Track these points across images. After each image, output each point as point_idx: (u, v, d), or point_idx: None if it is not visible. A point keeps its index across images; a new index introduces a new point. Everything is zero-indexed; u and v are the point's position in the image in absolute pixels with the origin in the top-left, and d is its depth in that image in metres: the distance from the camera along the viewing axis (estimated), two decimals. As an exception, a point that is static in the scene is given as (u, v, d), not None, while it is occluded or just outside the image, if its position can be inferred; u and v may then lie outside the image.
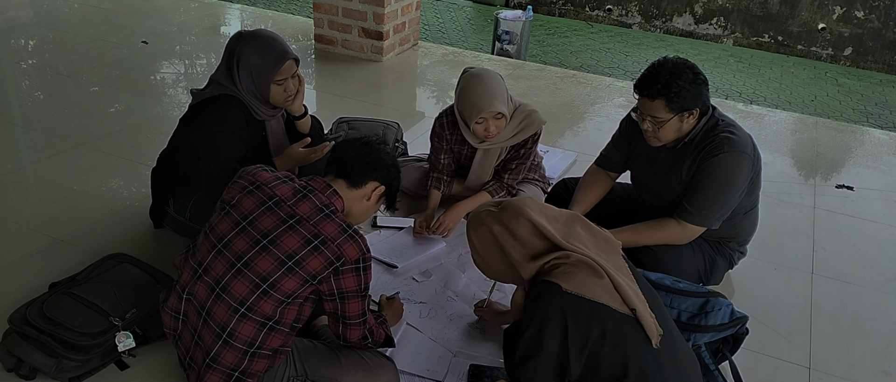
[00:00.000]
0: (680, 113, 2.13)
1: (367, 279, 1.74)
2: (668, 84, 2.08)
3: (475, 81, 2.52)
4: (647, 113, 2.16)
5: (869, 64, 7.10)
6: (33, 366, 1.91)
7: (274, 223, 1.68)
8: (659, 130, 2.17)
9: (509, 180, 2.70)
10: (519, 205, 1.75)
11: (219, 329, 1.67)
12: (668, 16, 7.71)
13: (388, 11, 4.61)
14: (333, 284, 1.70)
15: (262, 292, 1.65)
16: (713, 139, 2.17)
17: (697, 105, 2.14)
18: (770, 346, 2.31)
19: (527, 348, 1.61)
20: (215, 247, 1.72)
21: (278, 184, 1.75)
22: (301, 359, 1.82)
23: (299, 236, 1.66)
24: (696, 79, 2.11)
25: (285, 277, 1.65)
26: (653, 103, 2.12)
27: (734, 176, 2.15)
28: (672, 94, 2.08)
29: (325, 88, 4.35)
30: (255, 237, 1.68)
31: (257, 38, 2.30)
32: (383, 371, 1.91)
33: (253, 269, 1.66)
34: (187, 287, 1.76)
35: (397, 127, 3.33)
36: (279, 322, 1.69)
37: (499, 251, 1.75)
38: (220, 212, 1.77)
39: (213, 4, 5.85)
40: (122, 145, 3.35)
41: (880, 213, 3.24)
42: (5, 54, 4.52)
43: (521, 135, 2.62)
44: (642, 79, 2.15)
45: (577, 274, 1.60)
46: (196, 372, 1.74)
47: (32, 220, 2.72)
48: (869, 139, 4.16)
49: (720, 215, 2.22)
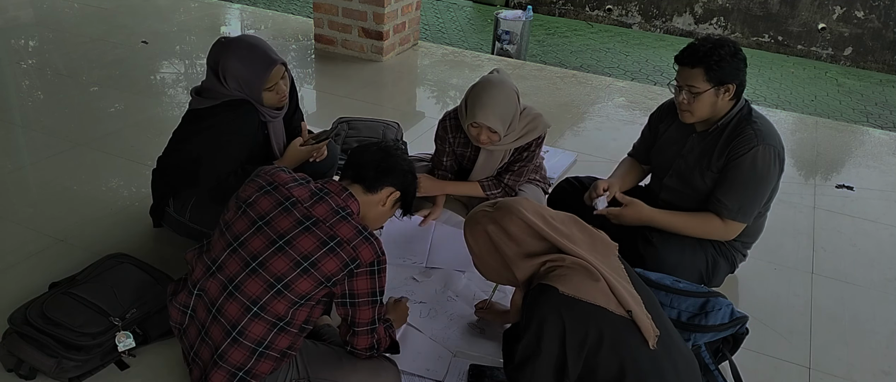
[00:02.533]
0: (717, 85, 2.14)
1: (382, 282, 1.74)
2: (708, 53, 2.11)
3: (487, 88, 2.49)
4: (685, 83, 2.17)
5: (869, 64, 7.10)
6: (33, 366, 1.92)
7: (290, 224, 1.69)
8: (694, 101, 2.17)
9: (510, 181, 2.70)
10: (512, 205, 1.76)
11: (229, 327, 1.68)
12: (668, 16, 7.71)
13: (388, 11, 4.61)
14: (347, 286, 1.70)
15: (276, 292, 1.66)
16: (746, 129, 2.18)
17: (734, 80, 2.15)
18: (770, 346, 2.31)
19: (525, 352, 1.61)
20: (231, 245, 1.73)
21: (295, 186, 1.76)
22: (303, 360, 1.82)
23: (315, 238, 1.67)
24: (736, 53, 2.14)
25: (300, 278, 1.66)
26: (692, 72, 2.14)
27: (766, 170, 2.17)
28: (712, 62, 2.11)
29: (325, 88, 4.35)
30: (272, 238, 1.68)
31: (238, 48, 2.25)
32: (385, 372, 1.91)
33: (268, 269, 1.67)
34: (199, 283, 1.76)
35: (397, 127, 3.33)
36: (290, 323, 1.70)
37: (494, 251, 1.76)
38: (235, 210, 1.77)
39: (213, 4, 5.85)
40: (122, 145, 3.35)
41: (880, 213, 3.24)
42: (5, 54, 4.52)
43: (525, 138, 2.62)
44: (685, 49, 2.18)
45: (573, 277, 1.60)
46: (201, 368, 1.74)
47: (32, 220, 2.72)
48: (869, 139, 4.16)
49: (751, 210, 2.22)
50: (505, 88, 2.51)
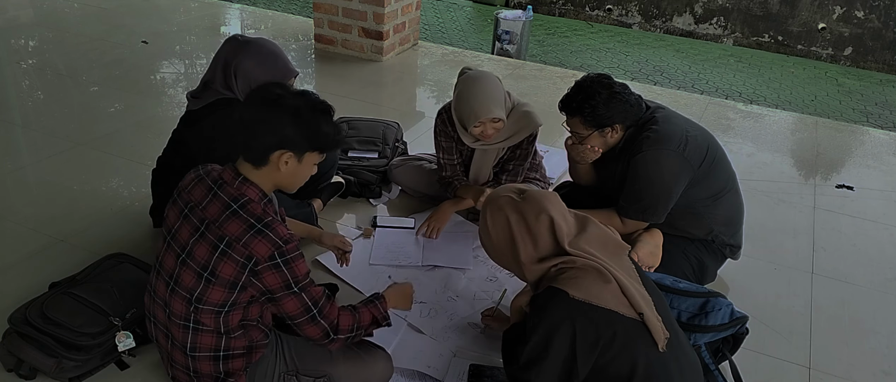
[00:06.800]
0: (599, 129, 2.24)
1: (295, 272, 1.59)
2: (581, 104, 2.21)
3: (473, 85, 2.51)
4: (571, 128, 2.31)
5: (869, 64, 7.09)
6: (33, 366, 1.92)
7: (188, 233, 1.61)
8: (583, 144, 2.30)
9: (508, 181, 2.70)
10: (542, 199, 1.69)
11: (181, 346, 1.68)
12: (668, 16, 7.71)
13: (388, 11, 4.61)
14: (259, 285, 1.58)
15: (194, 307, 1.61)
16: (634, 141, 2.26)
17: (616, 121, 2.24)
18: (770, 346, 2.31)
19: (532, 355, 1.58)
20: (154, 267, 1.73)
21: (195, 186, 1.66)
22: (291, 353, 1.81)
23: (208, 243, 1.57)
24: (612, 97, 2.20)
25: (207, 289, 1.58)
26: (572, 120, 2.28)
27: (655, 172, 2.23)
28: (586, 112, 2.21)
29: (325, 88, 4.35)
30: (177, 252, 1.64)
31: (259, 51, 2.24)
32: (376, 361, 1.89)
33: (181, 285, 1.62)
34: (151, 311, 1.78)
35: (397, 127, 3.33)
36: (229, 331, 1.66)
37: (510, 243, 1.70)
38: None
39: (213, 4, 5.85)
40: (122, 145, 3.35)
41: (880, 213, 3.24)
42: (5, 54, 4.52)
43: (516, 136, 2.62)
44: (563, 98, 2.28)
45: (584, 279, 1.58)
46: None
47: (32, 220, 2.72)
48: (869, 139, 4.16)
49: (657, 210, 2.29)
50: (485, 77, 2.54)
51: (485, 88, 2.49)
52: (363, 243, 2.67)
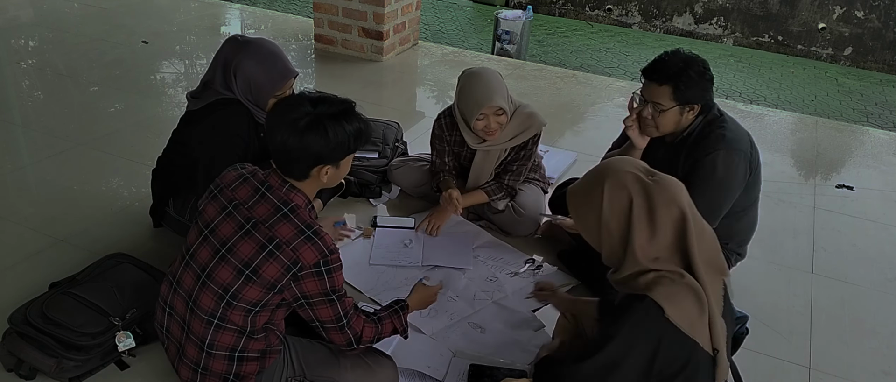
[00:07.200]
0: (683, 104, 2.13)
1: (334, 281, 1.64)
2: (678, 72, 2.09)
3: (475, 79, 2.53)
4: (651, 99, 2.17)
5: (869, 64, 7.09)
6: (33, 366, 1.92)
7: (232, 230, 1.63)
8: (658, 118, 2.17)
9: (509, 182, 2.70)
10: (676, 189, 1.51)
11: (199, 342, 1.67)
12: (668, 16, 7.71)
13: (388, 11, 4.61)
14: (296, 290, 1.61)
15: (226, 303, 1.61)
16: (708, 136, 2.17)
17: (700, 101, 2.14)
18: (770, 346, 2.31)
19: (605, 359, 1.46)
20: (184, 259, 1.72)
21: (239, 185, 1.68)
22: (299, 359, 1.81)
23: (255, 242, 1.59)
24: (704, 74, 2.12)
25: (246, 286, 1.60)
26: (659, 89, 2.13)
27: (729, 174, 2.15)
28: (680, 82, 2.09)
29: (325, 88, 4.33)
30: (216, 246, 1.64)
31: (258, 51, 2.24)
32: (382, 369, 1.90)
33: (215, 280, 1.62)
34: (168, 300, 1.76)
35: (397, 127, 3.33)
36: (254, 331, 1.67)
37: (622, 223, 1.49)
38: (195, 220, 1.75)
39: (213, 4, 5.85)
40: (122, 145, 3.35)
41: (880, 213, 3.24)
42: (5, 54, 4.52)
43: (521, 136, 2.62)
44: (653, 63, 2.16)
45: (683, 301, 1.46)
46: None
47: (32, 220, 2.72)
48: (869, 139, 4.16)
49: (717, 214, 2.21)
50: (486, 71, 2.55)
51: (486, 80, 2.51)
52: (363, 243, 2.67)
